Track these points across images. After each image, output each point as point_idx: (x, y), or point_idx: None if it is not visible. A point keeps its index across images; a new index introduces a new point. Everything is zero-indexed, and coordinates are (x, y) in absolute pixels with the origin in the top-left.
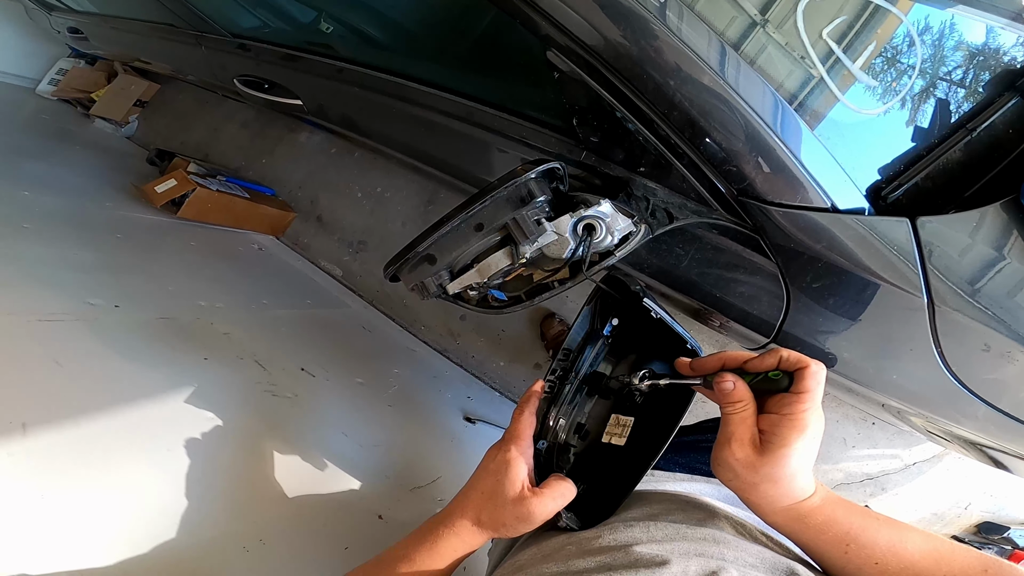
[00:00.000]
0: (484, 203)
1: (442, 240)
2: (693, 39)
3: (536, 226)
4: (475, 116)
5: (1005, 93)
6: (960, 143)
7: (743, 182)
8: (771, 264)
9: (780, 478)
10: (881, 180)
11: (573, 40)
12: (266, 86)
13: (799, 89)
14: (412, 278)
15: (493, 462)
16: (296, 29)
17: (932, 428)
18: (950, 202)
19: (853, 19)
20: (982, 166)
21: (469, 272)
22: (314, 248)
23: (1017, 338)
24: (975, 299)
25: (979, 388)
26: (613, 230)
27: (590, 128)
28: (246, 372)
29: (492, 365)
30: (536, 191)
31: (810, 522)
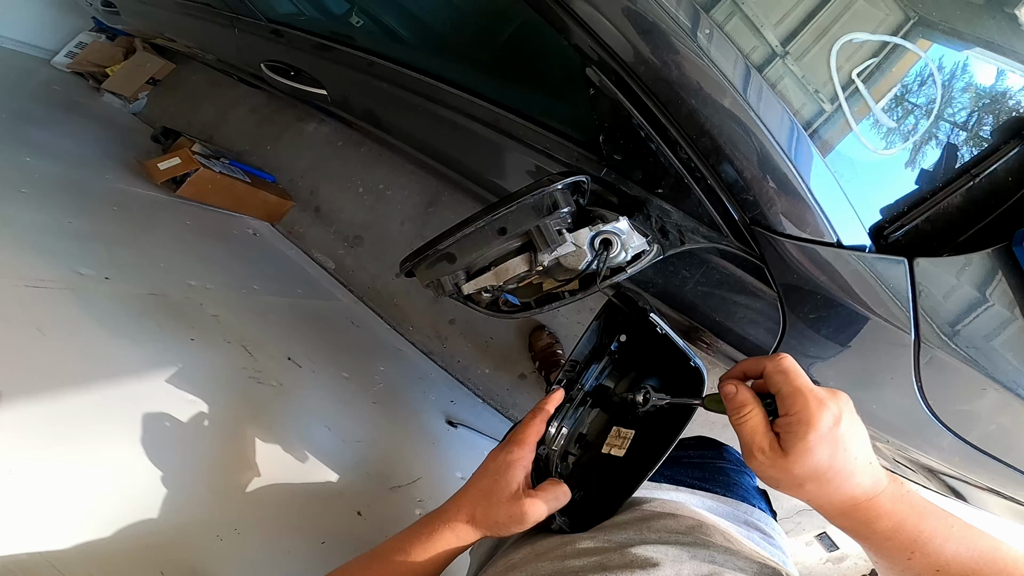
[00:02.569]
0: (511, 208)
1: (464, 240)
2: (729, 70)
3: (557, 235)
4: (501, 122)
5: (1011, 141)
6: (962, 188)
7: (756, 211)
8: (771, 292)
9: (820, 474)
10: (884, 219)
11: (614, 59)
12: (292, 73)
13: (819, 125)
14: (429, 275)
15: (494, 462)
16: (330, 20)
17: (899, 456)
18: (944, 245)
19: (881, 62)
20: (979, 212)
21: (486, 274)
22: (309, 238)
23: (988, 374)
24: (956, 338)
25: (949, 419)
26: (628, 247)
27: (615, 146)
28: (232, 356)
29: (477, 371)
30: (561, 202)
31: (877, 527)
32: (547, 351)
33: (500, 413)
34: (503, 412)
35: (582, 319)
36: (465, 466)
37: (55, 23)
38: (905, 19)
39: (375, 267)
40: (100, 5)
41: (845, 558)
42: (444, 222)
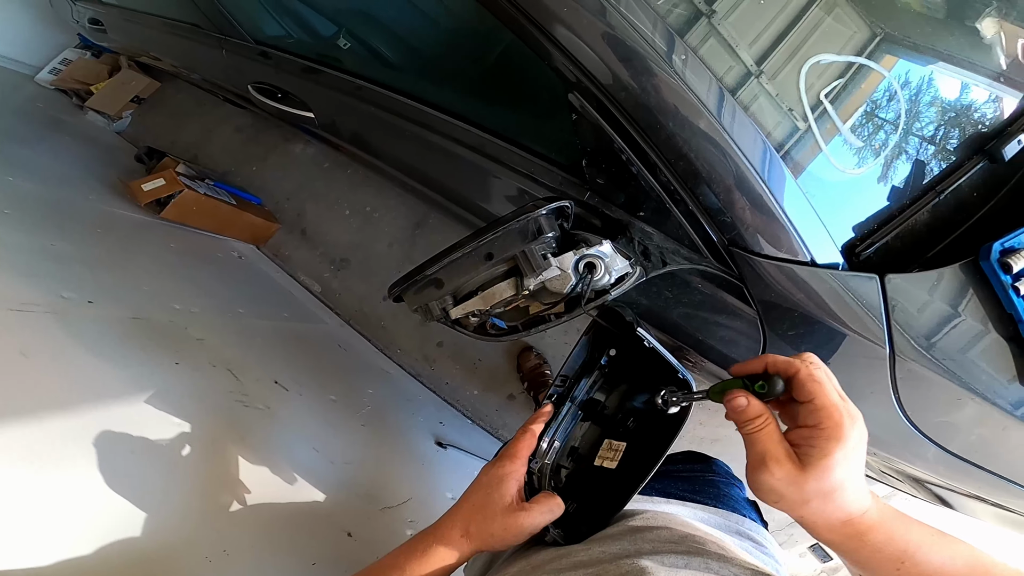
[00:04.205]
0: (497, 233)
1: (452, 265)
2: (705, 95)
3: (542, 260)
4: (486, 147)
5: (974, 156)
6: (928, 205)
7: (734, 232)
8: (751, 311)
9: (829, 492)
10: (856, 237)
11: (595, 85)
12: (279, 95)
13: (791, 147)
14: (417, 300)
15: (487, 476)
16: (318, 42)
17: (886, 468)
18: (914, 260)
19: (847, 82)
20: (947, 227)
21: (474, 299)
22: (295, 261)
23: (965, 386)
24: (931, 351)
25: (931, 431)
26: (611, 270)
27: (597, 170)
28: (218, 380)
29: (466, 393)
30: (546, 227)
31: (868, 539)
32: (535, 372)
33: (490, 434)
34: (493, 433)
35: (569, 339)
36: (455, 486)
37: (40, 39)
38: (872, 36)
39: (362, 290)
40: (86, 22)
41: (839, 568)
42: (431, 244)
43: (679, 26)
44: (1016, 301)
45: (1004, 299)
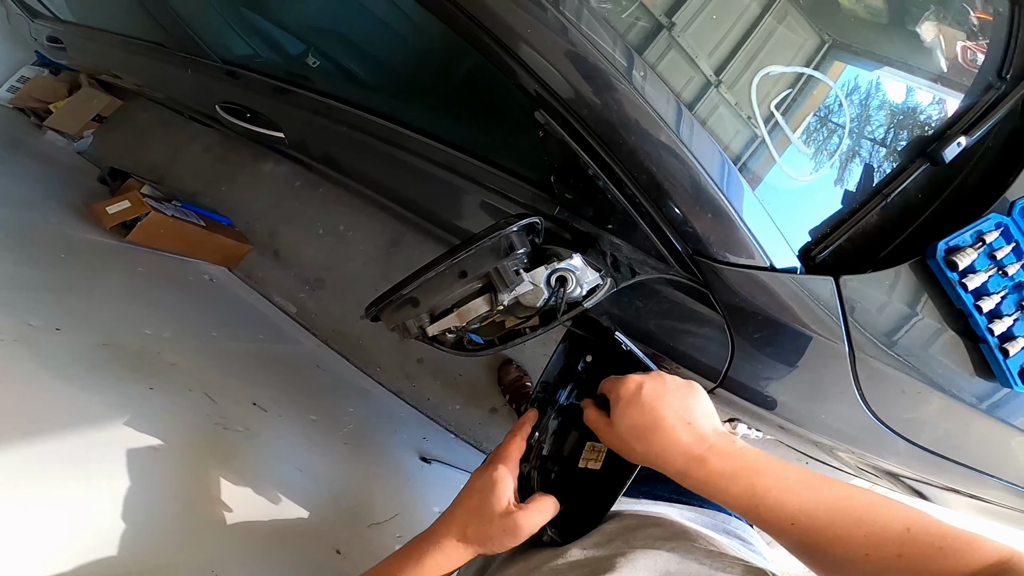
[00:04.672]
0: (470, 251)
1: (427, 284)
2: (664, 110)
3: (515, 276)
4: (458, 165)
5: (917, 159)
6: (877, 208)
7: (696, 241)
8: (719, 317)
9: (637, 433)
10: (811, 241)
11: (559, 102)
12: (248, 115)
13: (747, 157)
14: (394, 319)
15: (479, 480)
16: (287, 62)
17: (861, 464)
18: (868, 261)
19: (796, 92)
20: (896, 228)
21: (449, 316)
22: (268, 282)
23: (928, 382)
24: (890, 348)
25: (899, 426)
26: (583, 282)
27: (565, 185)
28: (195, 403)
29: (448, 408)
30: (517, 243)
31: (716, 485)
32: (516, 384)
33: (474, 447)
34: (477, 446)
35: (548, 351)
36: (441, 500)
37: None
38: (821, 43)
39: (338, 309)
40: (45, 40)
41: None
42: (407, 261)
43: (639, 42)
44: (964, 297)
45: (952, 295)
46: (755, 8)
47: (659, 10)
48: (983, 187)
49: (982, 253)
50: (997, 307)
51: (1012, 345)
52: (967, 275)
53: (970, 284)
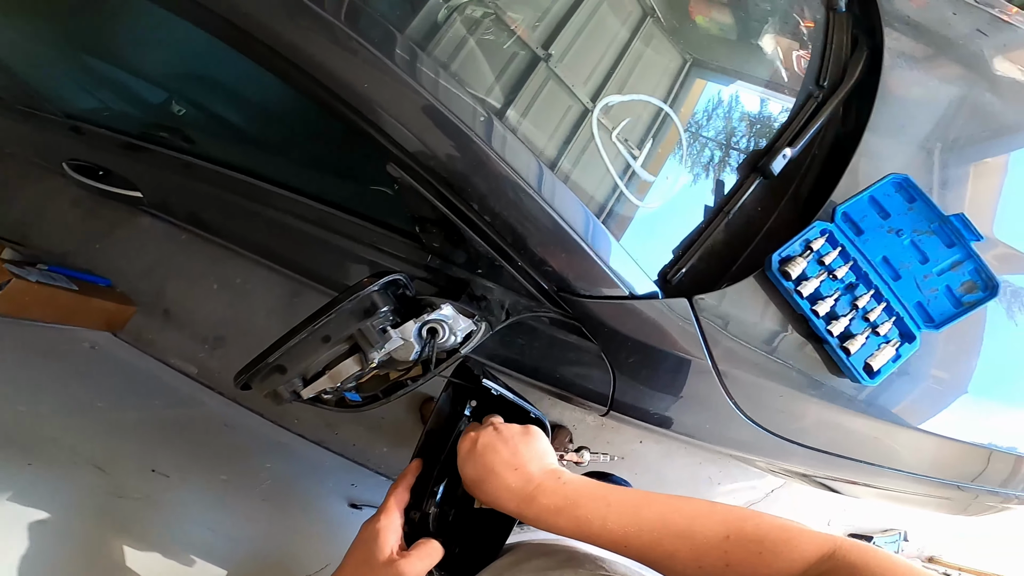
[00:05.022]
0: (329, 316)
1: (291, 352)
2: (510, 156)
3: (381, 335)
4: (328, 220)
5: (751, 174)
6: (721, 225)
7: (559, 280)
8: (595, 346)
9: (479, 479)
10: (667, 265)
11: (408, 156)
12: (100, 173)
13: (599, 192)
14: (264, 387)
15: (365, 532)
16: (138, 116)
17: (773, 468)
18: (721, 277)
19: (636, 120)
20: (742, 243)
21: (322, 379)
22: (161, 345)
23: (794, 386)
24: (749, 359)
25: (781, 430)
26: (456, 330)
27: (431, 235)
28: (82, 477)
29: (375, 452)
30: (379, 302)
31: (553, 521)
32: None
33: None
34: None
35: None
36: None
37: None
38: (683, 62)
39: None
40: None
41: None
42: (313, 309)
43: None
44: (801, 304)
45: (792, 303)
46: (624, 34)
47: (534, 43)
48: (814, 195)
49: (811, 260)
50: (832, 309)
51: (852, 343)
52: (801, 282)
53: (804, 291)
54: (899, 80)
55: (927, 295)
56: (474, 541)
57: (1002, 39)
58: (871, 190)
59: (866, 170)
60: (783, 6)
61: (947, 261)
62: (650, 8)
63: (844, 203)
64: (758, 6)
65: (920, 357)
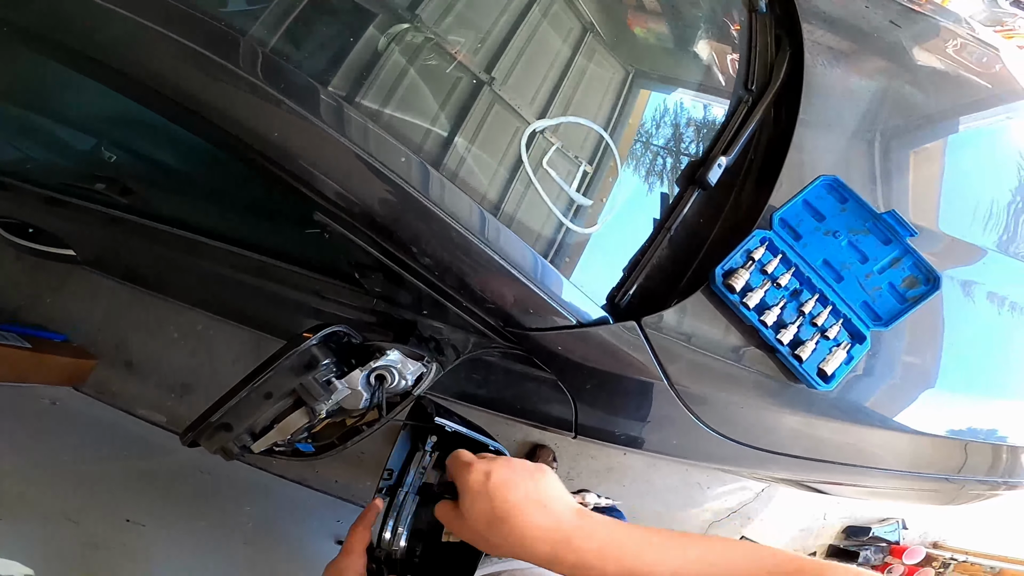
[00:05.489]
0: (268, 374)
1: (234, 410)
2: (439, 195)
3: (325, 387)
4: (269, 271)
5: (689, 187)
6: (664, 242)
7: (503, 316)
8: (552, 376)
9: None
10: (614, 287)
11: (330, 203)
12: (31, 230)
13: (534, 222)
14: (212, 444)
15: (328, 573)
16: (67, 166)
17: (759, 476)
18: (671, 294)
19: (566, 144)
20: (689, 257)
21: (271, 432)
22: (126, 396)
23: (756, 397)
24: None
25: (752, 440)
26: (405, 374)
27: (372, 279)
28: (55, 528)
29: (358, 486)
30: (320, 356)
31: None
32: None
33: None
34: None
35: None
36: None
37: None
38: (626, 74)
39: None
40: None
41: None
42: None
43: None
44: (749, 315)
45: (740, 315)
46: (566, 51)
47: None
48: (753, 202)
49: (754, 270)
50: (780, 318)
51: (802, 350)
52: (746, 294)
53: (750, 302)
54: (823, 77)
55: (872, 294)
56: (441, 574)
57: (916, 29)
58: (804, 193)
59: (801, 172)
60: (711, 11)
61: (886, 258)
62: (589, 24)
63: (780, 209)
64: (689, 12)
65: (878, 357)
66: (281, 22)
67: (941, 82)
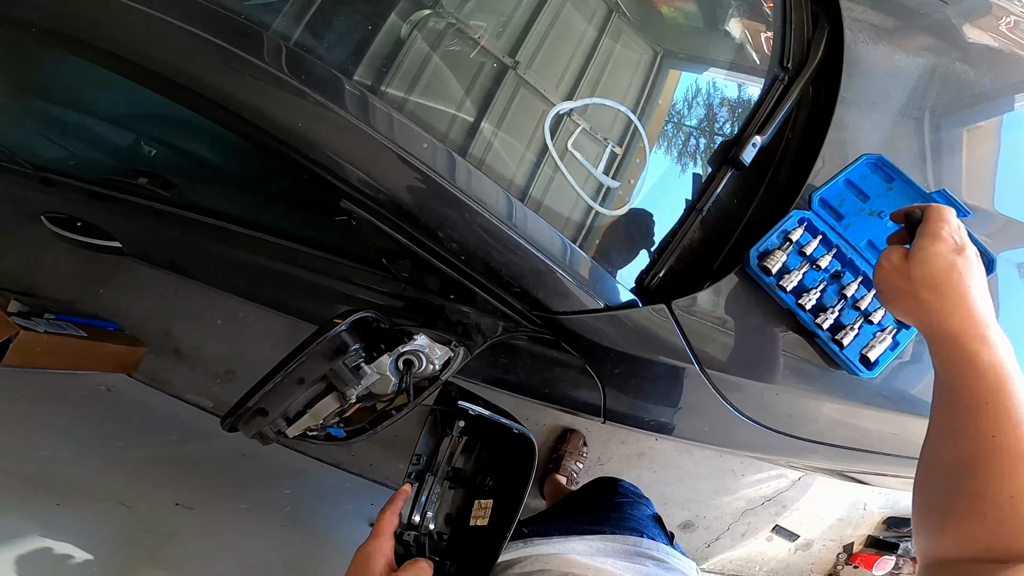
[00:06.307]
0: (300, 360)
1: (268, 395)
2: (463, 180)
3: (355, 372)
4: (301, 258)
5: (723, 166)
6: (695, 223)
7: (531, 300)
8: (580, 360)
9: (935, 285)
10: (643, 270)
11: (356, 190)
12: (79, 224)
13: (560, 205)
14: (249, 429)
15: (356, 557)
16: (108, 162)
17: (794, 465)
18: (704, 277)
19: (592, 125)
20: (721, 239)
21: (304, 417)
22: (175, 383)
23: (792, 384)
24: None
25: (788, 428)
26: (433, 359)
27: (399, 265)
28: (109, 513)
29: (392, 469)
30: (349, 341)
31: (978, 361)
32: None
33: None
34: None
35: None
36: None
37: None
38: (654, 54)
39: None
40: None
41: (811, 543)
42: None
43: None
44: (786, 298)
45: (777, 299)
46: (592, 32)
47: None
48: (791, 181)
49: (792, 252)
50: (819, 301)
51: (844, 335)
52: (783, 276)
53: (787, 285)
54: (865, 54)
55: None
56: (468, 558)
57: (965, 6)
58: (846, 172)
59: (842, 151)
60: None
61: None
62: (614, 3)
63: (820, 188)
64: None
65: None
66: (303, 14)
67: (994, 59)
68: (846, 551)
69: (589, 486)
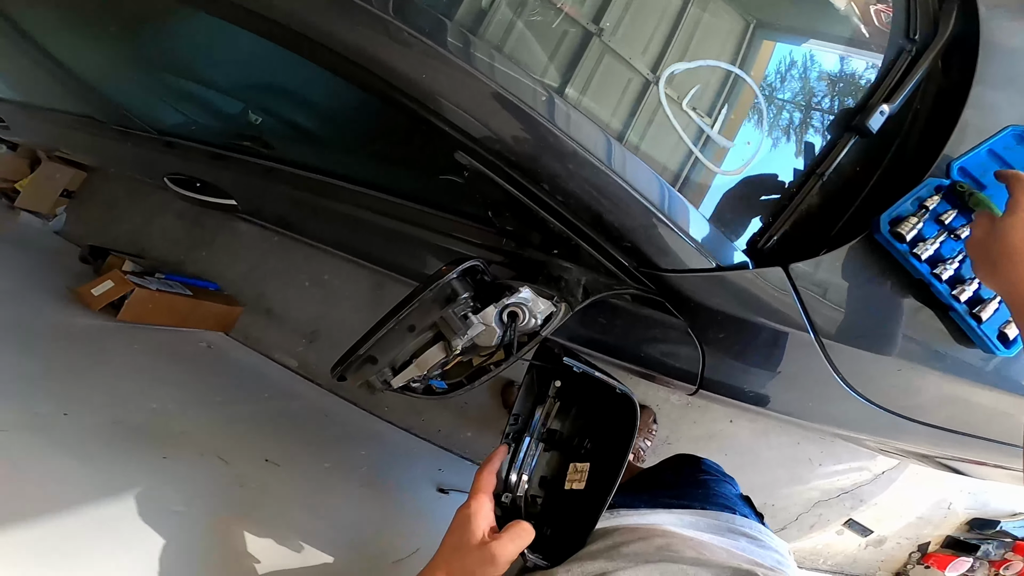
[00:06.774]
0: (413, 306)
1: (379, 343)
2: (579, 132)
3: (463, 321)
4: (402, 212)
5: (845, 133)
6: (815, 188)
7: (639, 255)
8: (681, 323)
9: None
10: (756, 233)
11: (474, 142)
12: (198, 185)
13: (673, 162)
14: (358, 377)
15: (458, 516)
16: (221, 128)
17: (885, 447)
18: (820, 243)
19: (705, 86)
20: (841, 206)
21: (409, 367)
22: (266, 341)
23: (912, 358)
24: (859, 329)
25: (898, 407)
26: (535, 313)
27: (504, 218)
28: (209, 467)
29: (460, 437)
30: (459, 289)
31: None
32: None
33: None
34: None
35: None
36: None
37: None
38: (746, 25)
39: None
40: None
41: (884, 540)
42: (395, 302)
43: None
44: (919, 267)
45: (909, 267)
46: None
47: (585, 18)
48: (922, 150)
49: (927, 220)
50: (957, 272)
51: (983, 310)
52: (917, 244)
53: (923, 254)
54: (1002, 31)
55: None
56: (565, 523)
57: None
58: (990, 143)
59: (977, 124)
60: None
61: None
62: None
63: (959, 158)
64: None
65: None
66: None
67: None
68: (920, 550)
69: (667, 463)
